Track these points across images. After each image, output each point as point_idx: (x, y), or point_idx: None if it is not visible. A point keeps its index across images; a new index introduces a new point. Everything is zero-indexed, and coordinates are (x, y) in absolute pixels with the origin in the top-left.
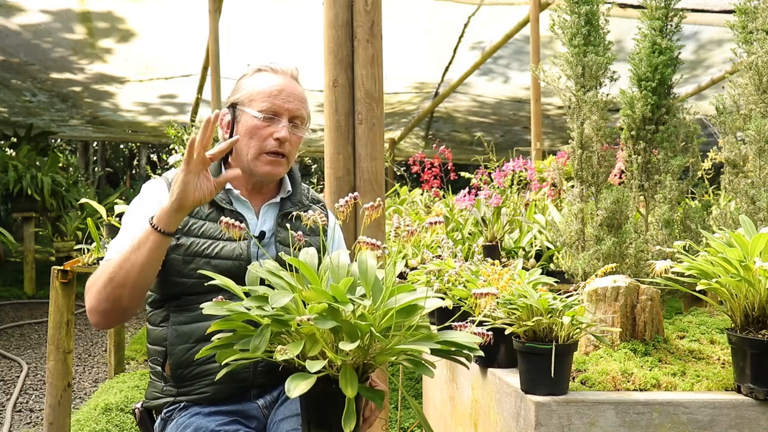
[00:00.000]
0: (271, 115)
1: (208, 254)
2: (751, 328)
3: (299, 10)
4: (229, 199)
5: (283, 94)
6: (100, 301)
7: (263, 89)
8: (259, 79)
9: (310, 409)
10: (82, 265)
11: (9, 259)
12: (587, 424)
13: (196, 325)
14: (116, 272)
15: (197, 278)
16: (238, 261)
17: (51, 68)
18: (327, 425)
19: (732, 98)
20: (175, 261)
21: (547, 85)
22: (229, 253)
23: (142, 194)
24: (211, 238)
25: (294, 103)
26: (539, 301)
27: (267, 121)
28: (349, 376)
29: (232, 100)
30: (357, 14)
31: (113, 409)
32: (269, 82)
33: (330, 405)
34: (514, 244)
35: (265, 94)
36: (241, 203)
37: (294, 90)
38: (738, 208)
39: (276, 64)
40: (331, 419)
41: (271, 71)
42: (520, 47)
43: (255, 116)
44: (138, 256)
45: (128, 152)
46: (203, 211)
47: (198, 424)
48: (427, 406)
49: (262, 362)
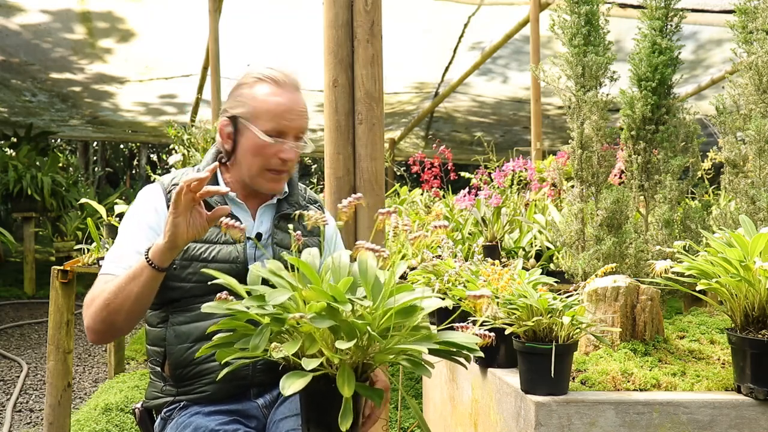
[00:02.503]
0: (277, 136)
1: (205, 258)
2: (751, 328)
3: (299, 10)
4: (224, 202)
5: (291, 112)
6: (96, 323)
7: (269, 108)
8: (262, 92)
9: (309, 408)
10: (82, 265)
11: (9, 259)
12: (587, 424)
13: (195, 325)
14: (112, 300)
15: (195, 282)
16: (235, 264)
17: (51, 68)
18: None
19: (732, 98)
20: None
21: (547, 85)
22: (225, 256)
23: (137, 201)
24: (207, 242)
25: (299, 121)
26: (539, 301)
27: (275, 140)
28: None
29: (234, 113)
30: (357, 14)
31: (113, 409)
32: (274, 99)
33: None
34: (514, 244)
35: (272, 113)
36: (237, 205)
37: (299, 106)
38: (738, 208)
39: (277, 72)
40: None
41: (273, 83)
42: (519, 47)
43: (262, 137)
44: (133, 288)
45: (128, 152)
46: None
47: (198, 424)
48: (427, 406)
49: (261, 361)
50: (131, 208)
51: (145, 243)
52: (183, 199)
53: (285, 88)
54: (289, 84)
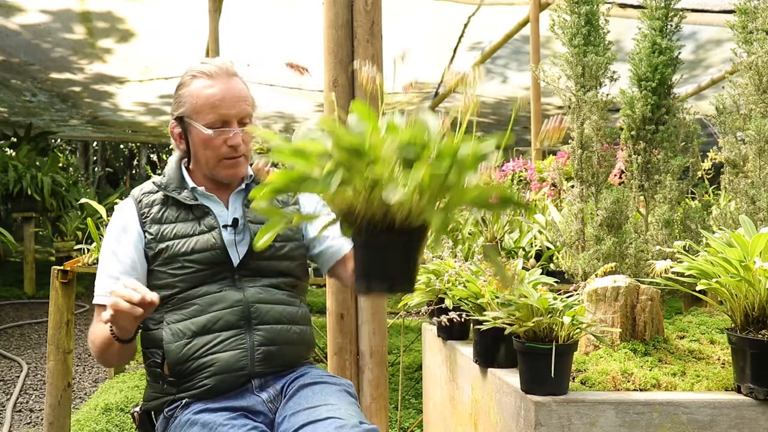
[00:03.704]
0: (219, 126)
1: (185, 252)
2: (751, 328)
3: (299, 11)
4: (194, 197)
5: (226, 100)
6: (98, 358)
7: (206, 101)
8: (197, 87)
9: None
10: (82, 265)
11: (9, 259)
12: (587, 424)
13: (191, 320)
14: (100, 354)
15: (182, 276)
16: (214, 251)
17: (51, 68)
18: (387, 278)
19: (732, 98)
20: (159, 267)
21: (547, 85)
22: (203, 245)
23: (112, 218)
24: (184, 237)
25: (239, 107)
26: (539, 301)
27: (217, 130)
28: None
29: (179, 113)
30: (357, 14)
31: (113, 409)
32: (208, 91)
33: (387, 257)
34: (514, 244)
35: (209, 105)
36: (208, 198)
37: (234, 91)
38: (738, 208)
39: (209, 66)
40: (392, 271)
41: (206, 76)
42: (518, 47)
43: (205, 131)
44: (113, 352)
45: (128, 152)
46: (171, 215)
47: (205, 420)
48: (427, 406)
49: (259, 351)
50: (107, 229)
51: (113, 267)
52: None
53: (218, 79)
54: (221, 74)
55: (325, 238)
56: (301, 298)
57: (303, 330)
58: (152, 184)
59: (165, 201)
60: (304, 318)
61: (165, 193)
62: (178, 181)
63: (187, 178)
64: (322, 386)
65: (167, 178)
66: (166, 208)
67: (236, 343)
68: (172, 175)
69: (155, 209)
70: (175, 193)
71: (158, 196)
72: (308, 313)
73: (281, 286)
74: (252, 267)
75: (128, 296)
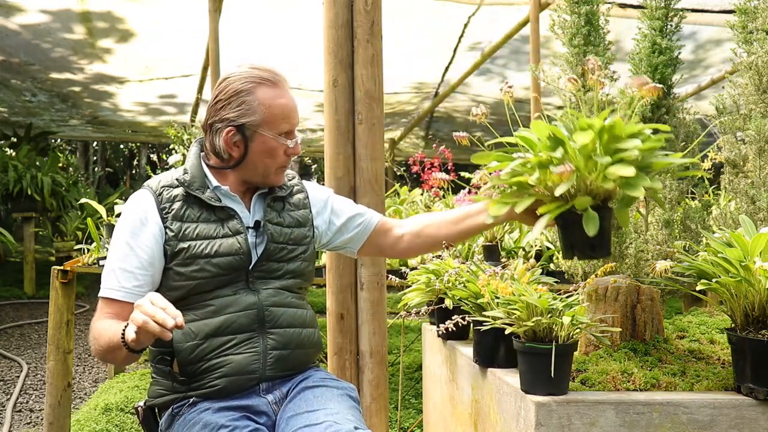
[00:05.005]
0: (287, 135)
1: (208, 254)
2: (751, 328)
3: (299, 10)
4: (217, 197)
5: (294, 110)
6: (98, 356)
7: (281, 112)
8: (268, 97)
9: (570, 236)
10: (82, 265)
11: (9, 259)
12: (587, 424)
13: (204, 322)
14: (103, 354)
15: (200, 278)
16: (239, 255)
17: (51, 68)
18: (588, 245)
19: (732, 98)
20: (176, 267)
21: (546, 85)
22: (227, 249)
23: (124, 212)
24: (207, 239)
25: (298, 115)
26: (539, 301)
27: (292, 140)
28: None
29: (243, 121)
30: (357, 14)
31: (113, 409)
32: (281, 101)
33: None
34: (514, 244)
35: (282, 116)
36: (231, 198)
37: (294, 100)
38: (738, 208)
39: (267, 72)
40: (594, 241)
41: (270, 84)
42: (518, 47)
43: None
44: (117, 355)
45: (128, 152)
46: (193, 214)
47: (207, 420)
48: (426, 406)
49: (272, 353)
50: (120, 219)
51: (128, 260)
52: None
53: (281, 87)
54: (281, 80)
55: (351, 222)
56: (306, 300)
57: (312, 333)
58: (173, 178)
59: (186, 198)
60: (312, 320)
61: (187, 191)
62: (201, 180)
63: (210, 176)
64: (323, 390)
65: (190, 175)
66: (187, 205)
67: (249, 346)
68: (195, 174)
69: (177, 205)
70: (199, 192)
71: (179, 191)
72: (314, 316)
73: (292, 288)
74: (265, 269)
75: (161, 320)
